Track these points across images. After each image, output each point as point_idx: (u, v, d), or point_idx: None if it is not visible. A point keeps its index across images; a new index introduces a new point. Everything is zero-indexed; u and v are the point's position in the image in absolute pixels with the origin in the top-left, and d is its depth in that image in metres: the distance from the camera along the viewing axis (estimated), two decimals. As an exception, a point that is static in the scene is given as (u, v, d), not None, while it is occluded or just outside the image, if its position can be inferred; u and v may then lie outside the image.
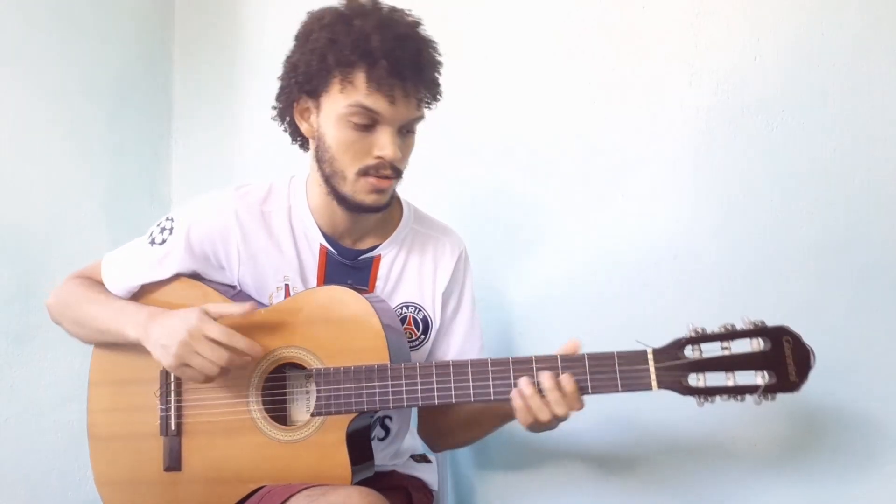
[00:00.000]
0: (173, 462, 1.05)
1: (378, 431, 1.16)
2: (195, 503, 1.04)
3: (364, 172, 1.00)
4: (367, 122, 0.98)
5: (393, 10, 0.99)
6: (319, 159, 1.04)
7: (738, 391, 0.90)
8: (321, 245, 1.10)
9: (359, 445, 1.03)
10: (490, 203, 1.49)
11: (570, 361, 0.94)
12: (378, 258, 1.12)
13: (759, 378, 0.90)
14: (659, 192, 1.34)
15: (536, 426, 0.96)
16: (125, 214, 1.73)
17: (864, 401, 1.18)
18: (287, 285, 1.10)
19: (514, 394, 0.94)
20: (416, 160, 1.53)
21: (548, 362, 0.95)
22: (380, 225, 1.14)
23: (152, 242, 1.10)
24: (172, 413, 1.05)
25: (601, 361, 0.94)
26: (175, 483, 1.05)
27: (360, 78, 0.96)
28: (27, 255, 1.50)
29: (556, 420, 0.94)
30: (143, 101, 1.81)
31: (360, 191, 1.01)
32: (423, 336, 1.14)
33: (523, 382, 0.93)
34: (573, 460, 1.04)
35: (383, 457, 1.15)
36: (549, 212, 1.43)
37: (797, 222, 1.23)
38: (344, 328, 1.01)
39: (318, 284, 1.11)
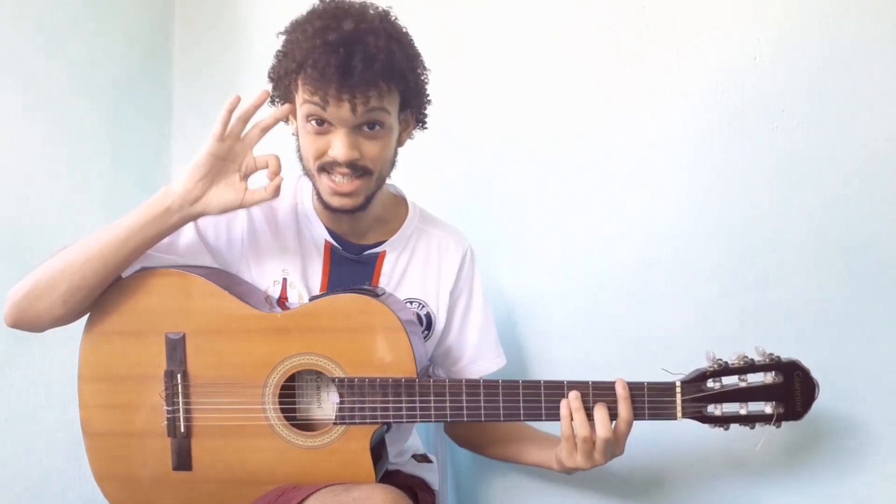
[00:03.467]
0: (183, 463, 1.04)
1: None
2: (209, 502, 1.04)
3: (322, 168, 1.02)
4: (320, 123, 1.00)
5: (343, 12, 0.98)
6: (299, 159, 1.08)
7: (750, 419, 0.97)
8: (326, 241, 1.12)
9: (379, 449, 1.04)
10: (490, 203, 1.49)
11: (602, 389, 0.97)
12: (383, 254, 1.14)
13: (768, 408, 0.96)
14: (659, 191, 1.34)
15: (573, 455, 0.99)
16: (125, 214, 1.73)
17: (866, 402, 1.18)
18: (285, 279, 1.10)
19: (562, 403, 0.97)
20: (417, 160, 1.53)
21: (580, 387, 0.97)
22: (384, 222, 1.15)
23: None
24: (181, 415, 1.03)
25: (630, 390, 0.97)
26: (186, 482, 1.04)
27: (302, 84, 0.99)
28: (27, 255, 1.50)
29: (592, 447, 0.97)
30: (143, 101, 1.81)
31: (324, 191, 1.04)
32: (426, 332, 1.16)
33: (573, 395, 0.97)
34: (573, 460, 1.05)
35: (388, 452, 1.16)
36: (548, 211, 1.43)
37: (797, 222, 1.23)
38: (369, 339, 1.00)
39: (323, 279, 1.12)
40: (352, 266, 1.13)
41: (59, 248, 1.06)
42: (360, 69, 0.94)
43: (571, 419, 0.96)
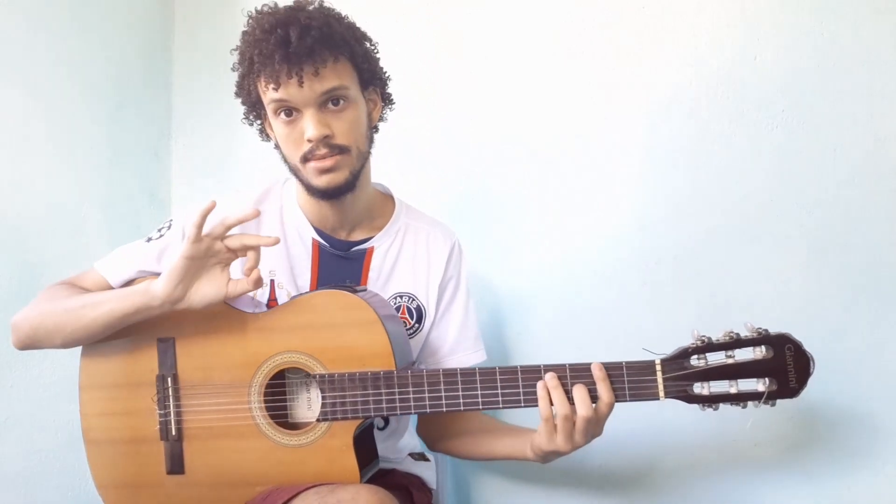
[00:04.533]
0: (176, 466, 1.04)
1: (378, 421, 1.17)
2: None
3: (305, 159, 1.04)
4: (289, 114, 1.03)
5: (277, 8, 1.04)
6: (282, 159, 1.10)
7: (741, 398, 0.92)
8: (313, 239, 1.13)
9: (365, 446, 1.04)
10: (489, 203, 1.49)
11: (579, 371, 0.96)
12: (371, 249, 1.14)
13: (760, 385, 0.92)
14: (659, 191, 1.34)
15: (553, 437, 0.96)
16: (125, 214, 1.73)
17: (864, 400, 1.18)
18: (273, 280, 1.11)
19: (539, 384, 0.95)
20: (417, 160, 1.54)
21: (556, 370, 0.96)
22: (371, 218, 1.16)
23: (149, 240, 1.12)
24: (172, 418, 1.04)
25: (609, 371, 0.95)
26: (179, 486, 1.04)
27: (259, 81, 1.04)
28: (27, 255, 1.50)
29: (572, 425, 0.95)
30: (143, 101, 1.81)
31: (311, 177, 1.06)
32: (417, 325, 1.16)
33: (549, 375, 0.95)
34: (573, 459, 1.04)
35: (382, 449, 1.16)
36: (548, 211, 1.43)
37: (797, 221, 1.23)
38: (348, 334, 1.00)
39: (313, 276, 1.12)
40: (340, 263, 1.13)
41: (61, 280, 1.13)
42: (296, 40, 0.98)
43: (550, 401, 0.94)
